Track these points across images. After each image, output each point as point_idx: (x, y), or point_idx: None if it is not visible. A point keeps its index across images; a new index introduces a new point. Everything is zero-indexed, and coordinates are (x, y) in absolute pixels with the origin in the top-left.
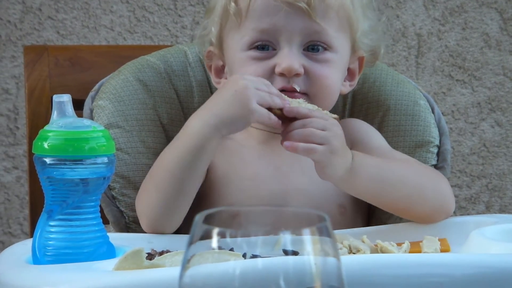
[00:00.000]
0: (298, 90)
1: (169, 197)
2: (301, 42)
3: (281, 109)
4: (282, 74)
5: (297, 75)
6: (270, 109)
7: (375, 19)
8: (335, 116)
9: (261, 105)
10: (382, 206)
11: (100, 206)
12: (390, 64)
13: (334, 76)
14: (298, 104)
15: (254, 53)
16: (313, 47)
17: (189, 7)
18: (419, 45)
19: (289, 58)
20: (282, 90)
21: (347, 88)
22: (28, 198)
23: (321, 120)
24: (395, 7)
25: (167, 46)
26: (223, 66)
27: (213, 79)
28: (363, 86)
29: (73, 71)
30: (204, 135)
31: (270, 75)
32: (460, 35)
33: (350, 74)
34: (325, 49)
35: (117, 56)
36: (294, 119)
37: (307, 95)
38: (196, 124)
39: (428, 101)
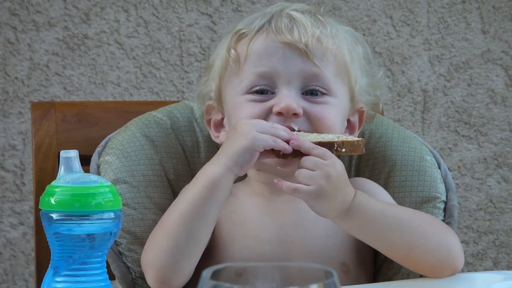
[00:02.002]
0: (297, 129)
1: (179, 243)
2: (300, 85)
3: (287, 142)
4: (279, 114)
5: (296, 115)
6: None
7: (373, 74)
8: (360, 139)
9: (264, 133)
10: (383, 251)
11: (107, 261)
12: (396, 120)
13: (334, 118)
14: (308, 137)
15: (252, 96)
16: (311, 92)
17: (195, 63)
18: (425, 100)
19: (287, 97)
20: None
21: None
22: (34, 255)
23: (315, 159)
24: (401, 63)
25: (174, 101)
26: (222, 119)
27: (212, 133)
28: (370, 141)
29: (80, 127)
30: (214, 175)
31: (267, 115)
32: (465, 91)
33: (350, 127)
34: (324, 94)
35: (124, 111)
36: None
37: None
38: (207, 167)
39: (435, 156)
